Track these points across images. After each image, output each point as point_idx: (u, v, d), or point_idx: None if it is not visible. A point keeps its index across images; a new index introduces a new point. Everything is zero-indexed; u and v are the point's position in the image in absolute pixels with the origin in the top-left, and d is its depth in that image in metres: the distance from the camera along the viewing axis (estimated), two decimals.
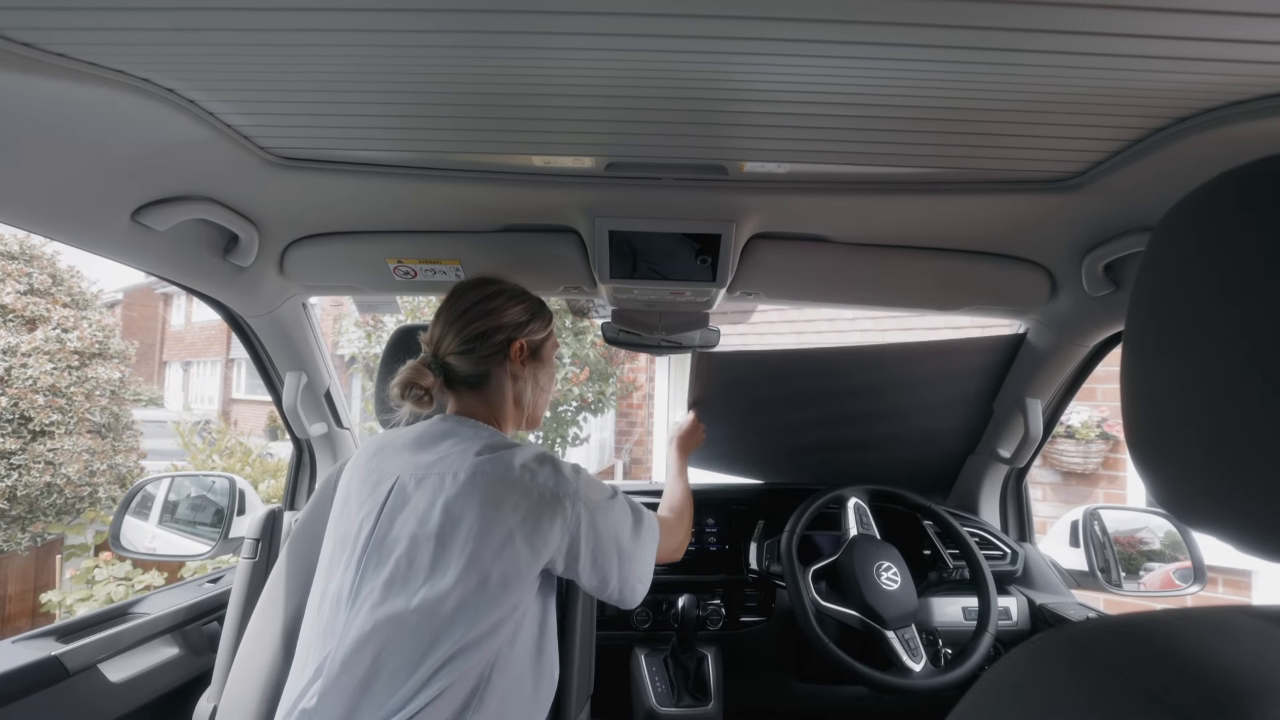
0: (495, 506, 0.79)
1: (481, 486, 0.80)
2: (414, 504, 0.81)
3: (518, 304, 0.98)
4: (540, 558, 0.80)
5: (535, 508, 0.81)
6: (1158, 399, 0.38)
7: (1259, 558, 0.34)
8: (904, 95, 0.68)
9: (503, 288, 0.99)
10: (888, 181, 0.94)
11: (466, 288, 0.98)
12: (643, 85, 0.68)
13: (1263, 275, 0.31)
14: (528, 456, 0.85)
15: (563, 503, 0.83)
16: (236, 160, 0.86)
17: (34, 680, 0.96)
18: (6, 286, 4.92)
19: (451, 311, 0.96)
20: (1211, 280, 0.34)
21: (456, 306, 0.96)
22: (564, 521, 0.82)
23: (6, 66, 0.59)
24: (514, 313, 0.97)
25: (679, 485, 1.26)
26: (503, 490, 0.80)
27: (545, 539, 0.80)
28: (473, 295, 0.97)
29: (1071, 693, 0.31)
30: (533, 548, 0.79)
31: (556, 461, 0.87)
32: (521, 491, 0.81)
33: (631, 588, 0.92)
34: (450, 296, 0.98)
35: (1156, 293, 0.38)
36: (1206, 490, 0.34)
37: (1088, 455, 3.45)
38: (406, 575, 0.77)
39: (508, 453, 0.84)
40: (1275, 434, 0.30)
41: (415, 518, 0.80)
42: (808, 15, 0.55)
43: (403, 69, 0.66)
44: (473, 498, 0.79)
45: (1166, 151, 0.74)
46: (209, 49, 0.62)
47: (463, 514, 0.78)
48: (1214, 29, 0.53)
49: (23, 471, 4.58)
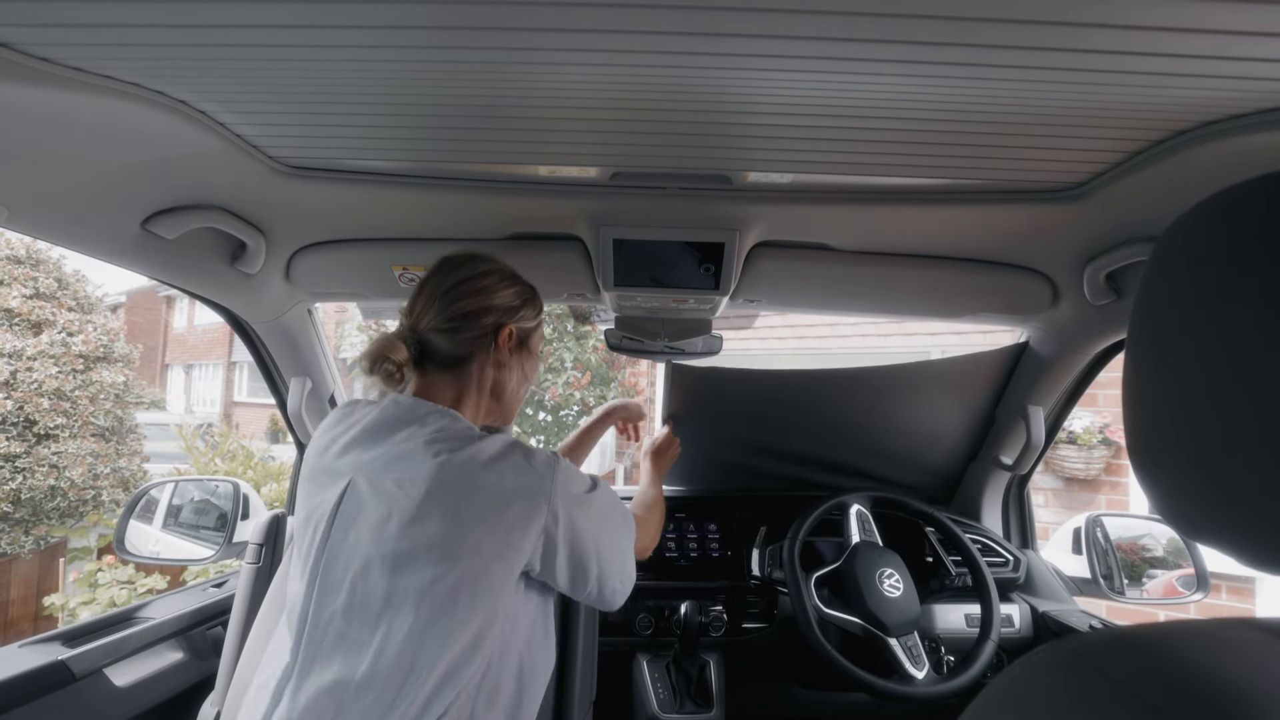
0: (457, 517, 0.72)
1: (442, 499, 0.72)
2: (367, 516, 0.74)
3: (510, 286, 0.91)
4: (513, 566, 0.75)
5: (504, 511, 0.74)
6: (1158, 411, 0.38)
7: (1258, 570, 0.34)
8: (907, 107, 0.69)
9: (495, 267, 0.91)
10: (890, 191, 0.94)
11: (458, 262, 0.90)
12: (648, 97, 0.69)
13: (1258, 292, 0.32)
14: (494, 450, 0.77)
15: (535, 501, 0.76)
16: (246, 169, 0.88)
17: (41, 684, 0.96)
18: (13, 290, 4.94)
19: (438, 285, 0.87)
20: (1210, 296, 0.35)
21: (444, 281, 0.88)
22: (538, 522, 0.75)
23: (23, 80, 0.60)
24: (506, 295, 0.89)
25: (652, 489, 1.22)
26: (466, 497, 0.73)
27: (517, 546, 0.74)
28: (464, 270, 0.89)
29: (1073, 706, 0.32)
30: (504, 559, 0.73)
31: (527, 452, 0.80)
32: (488, 495, 0.74)
33: (612, 588, 0.86)
34: (437, 268, 0.90)
35: (1157, 307, 0.39)
36: (1205, 502, 0.35)
37: (1090, 461, 3.44)
38: (364, 605, 0.71)
39: (471, 449, 0.76)
40: (1272, 448, 0.30)
41: (369, 533, 0.73)
42: (811, 33, 0.55)
43: (411, 82, 0.67)
44: (433, 514, 0.72)
45: (1167, 163, 0.75)
46: (222, 62, 0.63)
47: (422, 531, 0.71)
48: (1213, 46, 0.54)
49: (27, 475, 4.59)
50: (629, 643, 1.40)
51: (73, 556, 4.85)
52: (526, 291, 0.94)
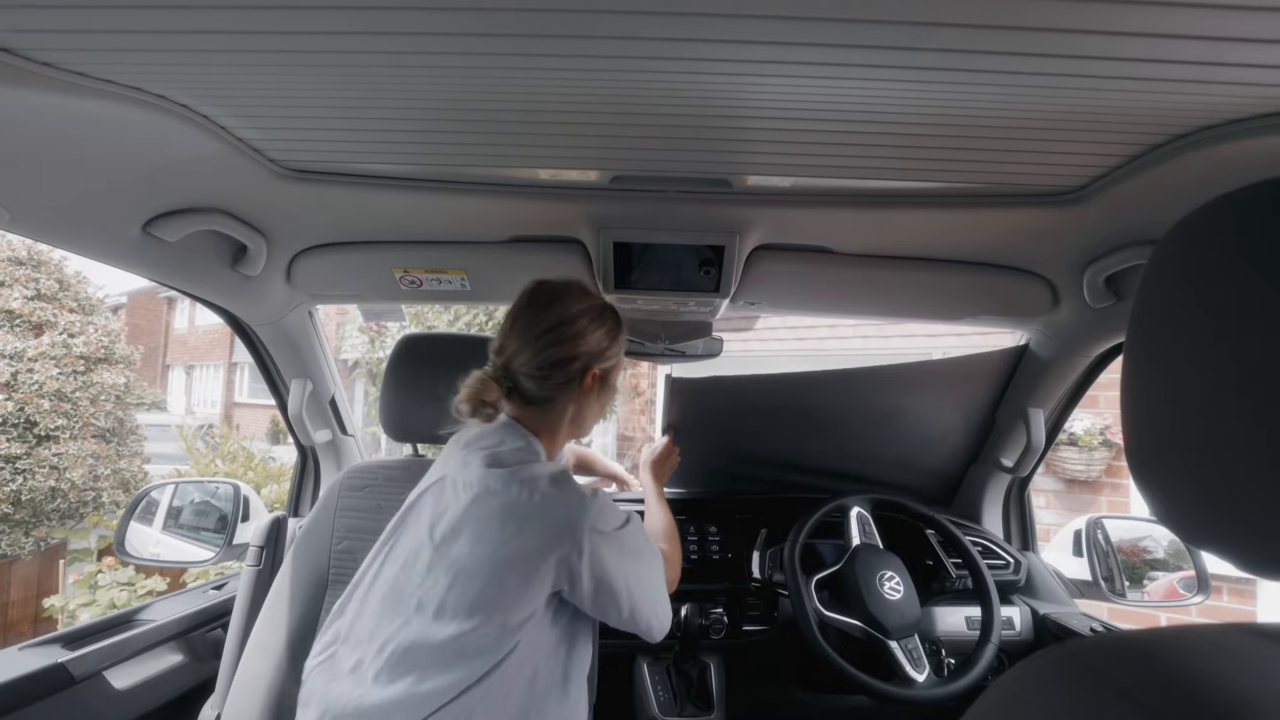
0: (486, 528, 0.78)
1: (479, 511, 0.80)
2: (430, 509, 0.85)
3: (600, 327, 0.91)
4: (531, 585, 0.76)
5: (534, 532, 0.77)
6: (1156, 416, 0.38)
7: (1257, 576, 0.34)
8: (906, 112, 0.69)
9: (586, 306, 0.91)
10: (890, 195, 0.95)
11: (550, 298, 0.90)
12: (648, 102, 0.69)
13: (1257, 298, 0.32)
14: (542, 474, 0.82)
15: (564, 530, 0.78)
16: (247, 172, 0.88)
17: (40, 687, 0.96)
18: (14, 292, 4.95)
19: (531, 326, 0.89)
20: (1208, 303, 0.35)
21: (536, 322, 0.89)
22: (558, 550, 0.78)
23: (26, 85, 0.60)
24: (595, 338, 0.90)
25: (661, 513, 1.19)
26: (503, 512, 0.78)
27: (536, 568, 0.77)
28: (556, 312, 0.89)
29: (1071, 711, 0.32)
30: (522, 574, 0.76)
31: (571, 483, 0.83)
32: (524, 515, 0.78)
33: (648, 623, 0.87)
34: (530, 302, 0.91)
35: (1155, 312, 0.39)
36: (1204, 508, 0.35)
37: (1091, 463, 3.44)
38: (406, 579, 0.81)
39: (523, 469, 0.82)
40: (1272, 455, 0.30)
41: (426, 525, 0.83)
42: (809, 40, 0.55)
43: (412, 87, 0.68)
44: (469, 523, 0.79)
45: (1165, 167, 0.75)
46: (224, 67, 0.63)
47: (460, 531, 0.79)
48: (1207, 53, 0.54)
49: (28, 476, 4.60)
50: (629, 645, 1.40)
51: (73, 558, 4.85)
52: (613, 327, 0.94)
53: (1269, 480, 0.30)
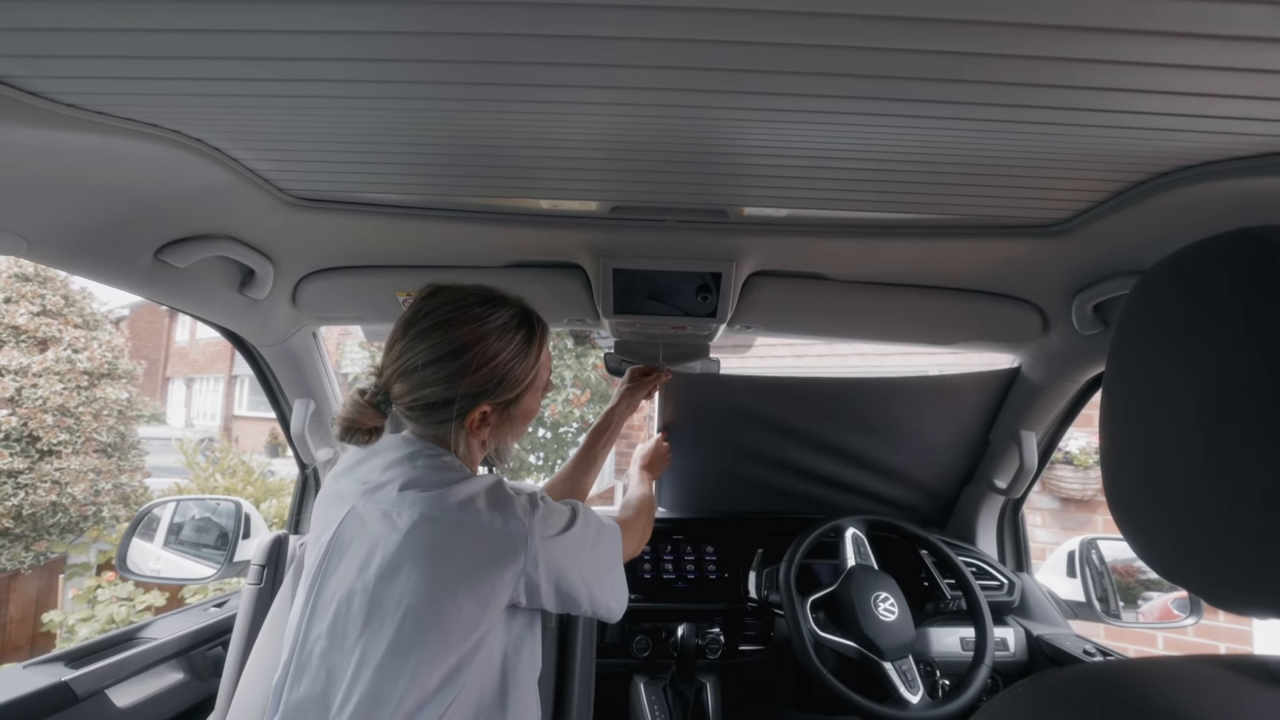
0: (434, 560, 0.73)
1: (420, 540, 0.74)
2: (356, 547, 0.77)
3: (499, 351, 0.81)
4: (490, 606, 0.75)
5: (480, 555, 0.75)
6: (1128, 455, 0.40)
7: (1229, 612, 0.36)
8: (899, 152, 0.72)
9: (476, 332, 0.80)
10: (885, 225, 0.97)
11: (438, 319, 0.81)
12: (646, 139, 0.72)
13: (1210, 351, 0.34)
14: (477, 491, 0.78)
15: (514, 546, 0.76)
16: (257, 201, 0.90)
17: (43, 706, 0.97)
18: (20, 308, 4.98)
19: (406, 354, 0.80)
20: (1168, 352, 0.37)
21: (412, 351, 0.80)
22: (515, 566, 0.76)
23: (51, 124, 0.63)
24: (481, 375, 0.80)
25: (639, 488, 1.21)
26: (445, 539, 0.74)
27: (492, 587, 0.75)
28: (434, 341, 0.80)
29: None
30: (478, 597, 0.74)
31: (509, 496, 0.79)
32: (469, 537, 0.75)
33: (607, 606, 0.88)
34: (413, 321, 0.82)
35: (1124, 361, 0.41)
36: (1175, 547, 0.37)
37: (1086, 482, 3.44)
38: (344, 630, 0.73)
39: (453, 490, 0.77)
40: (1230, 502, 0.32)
41: (356, 564, 0.75)
42: (804, 91, 0.58)
43: (419, 121, 0.70)
44: (409, 556, 0.73)
45: (1147, 204, 0.78)
46: (237, 104, 0.66)
47: (399, 571, 0.73)
48: (1183, 105, 0.57)
49: (29, 490, 4.60)
50: (626, 665, 1.40)
51: (72, 573, 4.84)
52: (522, 348, 0.84)
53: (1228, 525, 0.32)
